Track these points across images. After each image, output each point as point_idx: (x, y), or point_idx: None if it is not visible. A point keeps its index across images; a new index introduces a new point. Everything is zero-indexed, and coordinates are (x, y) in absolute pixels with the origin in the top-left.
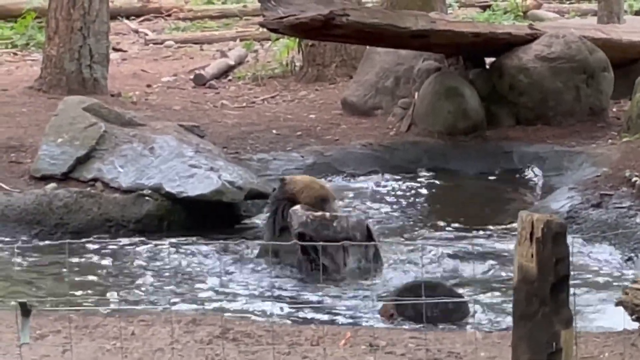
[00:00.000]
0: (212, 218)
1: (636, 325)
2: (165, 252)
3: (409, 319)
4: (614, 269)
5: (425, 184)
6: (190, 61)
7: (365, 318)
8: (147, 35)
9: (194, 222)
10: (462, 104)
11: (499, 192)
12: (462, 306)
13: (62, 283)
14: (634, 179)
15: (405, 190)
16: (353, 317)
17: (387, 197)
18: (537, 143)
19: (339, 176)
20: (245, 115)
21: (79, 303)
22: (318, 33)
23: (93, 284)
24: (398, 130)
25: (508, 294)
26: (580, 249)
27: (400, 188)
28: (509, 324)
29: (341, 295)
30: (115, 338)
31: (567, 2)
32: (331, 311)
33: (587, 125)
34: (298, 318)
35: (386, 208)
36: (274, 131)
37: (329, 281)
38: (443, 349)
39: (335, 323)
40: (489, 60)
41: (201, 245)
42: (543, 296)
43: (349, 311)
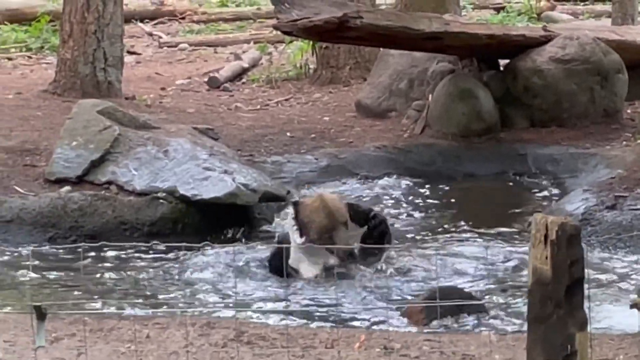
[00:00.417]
0: (226, 221)
1: None
2: (179, 255)
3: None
4: (629, 271)
5: (439, 186)
6: (204, 64)
7: (380, 321)
8: (161, 38)
9: (208, 225)
10: (476, 106)
11: (514, 194)
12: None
13: (77, 286)
14: None
15: (419, 192)
16: (367, 320)
17: (401, 200)
18: (552, 145)
19: (353, 178)
20: (259, 117)
21: (94, 306)
22: (332, 35)
23: (107, 287)
24: (412, 132)
25: (522, 297)
26: (594, 251)
27: (414, 191)
28: (524, 327)
29: (355, 298)
30: (129, 341)
31: (581, 4)
32: (346, 314)
33: (602, 127)
34: (312, 321)
35: (400, 211)
36: (288, 134)
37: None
38: (457, 352)
39: (349, 326)
40: (503, 62)
41: (215, 247)
42: (557, 299)
43: (364, 314)
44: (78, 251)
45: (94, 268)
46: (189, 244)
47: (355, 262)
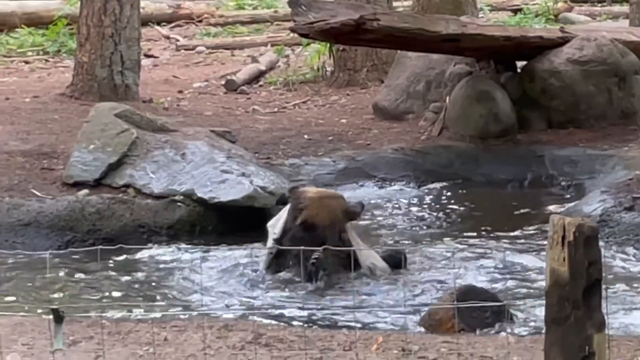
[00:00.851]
0: (244, 223)
1: None
2: (196, 258)
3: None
4: None
5: (456, 188)
6: (221, 67)
7: (397, 323)
8: (179, 41)
9: (226, 228)
10: (494, 108)
11: (531, 196)
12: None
13: (95, 289)
14: None
15: (436, 194)
16: (385, 322)
17: (418, 203)
18: (569, 146)
19: (371, 181)
20: (276, 120)
21: (112, 309)
22: (349, 38)
23: (125, 290)
24: (430, 134)
25: (540, 298)
26: (612, 252)
27: (431, 193)
28: (542, 328)
29: (373, 300)
30: (147, 344)
31: (599, 5)
32: (363, 316)
33: (619, 128)
34: (329, 323)
35: (417, 213)
36: (306, 136)
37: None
38: (475, 353)
39: (367, 328)
40: (521, 63)
41: (233, 250)
42: (575, 300)
43: (381, 316)
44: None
45: (111, 271)
46: (206, 246)
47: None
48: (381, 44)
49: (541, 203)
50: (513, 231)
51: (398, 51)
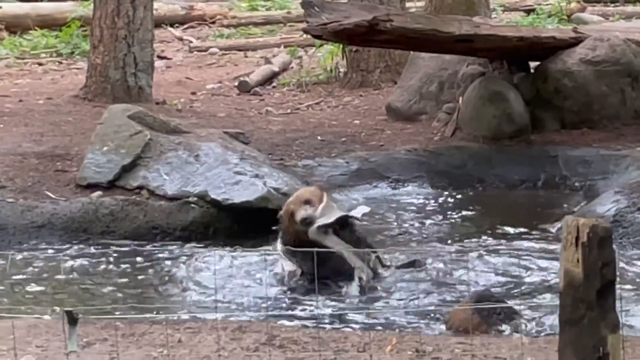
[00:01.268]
0: (258, 225)
1: None
2: (210, 259)
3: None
4: None
5: (469, 189)
6: (234, 68)
7: (411, 324)
8: (192, 42)
9: (240, 229)
10: (507, 109)
11: (544, 197)
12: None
13: (108, 291)
14: None
15: (449, 196)
16: (399, 323)
17: (432, 204)
18: (583, 147)
19: (384, 182)
20: (289, 121)
21: (125, 311)
22: (362, 39)
23: (139, 292)
24: (443, 135)
25: (554, 299)
26: (626, 253)
27: (444, 194)
28: (556, 329)
29: (386, 301)
30: (161, 345)
31: (612, 5)
32: (376, 318)
33: (633, 128)
34: (343, 325)
35: (431, 215)
36: (319, 137)
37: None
38: (489, 354)
39: (381, 329)
40: (534, 64)
41: (246, 251)
42: (589, 301)
43: (395, 317)
44: (109, 256)
45: (125, 272)
46: (220, 248)
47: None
48: (394, 45)
49: (554, 204)
50: (526, 232)
51: (411, 52)
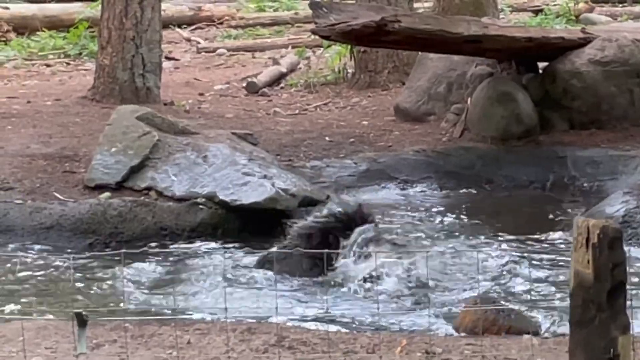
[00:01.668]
0: (266, 226)
1: None
2: (218, 261)
3: None
4: None
5: (478, 190)
6: (242, 69)
7: (420, 325)
8: (199, 43)
9: (248, 230)
10: (516, 109)
11: (553, 198)
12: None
13: (118, 292)
14: None
15: (458, 196)
16: (408, 325)
17: (440, 205)
18: (591, 147)
19: (392, 183)
20: (297, 122)
21: (134, 312)
22: (370, 39)
23: (147, 293)
24: (451, 136)
25: (564, 301)
26: (636, 254)
27: (453, 194)
28: (566, 330)
29: (396, 302)
30: (171, 347)
31: (620, 6)
32: (386, 319)
33: None
34: (352, 326)
35: (439, 215)
36: (327, 138)
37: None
38: (499, 355)
39: (390, 330)
40: (542, 64)
41: (254, 252)
42: (600, 302)
43: (405, 319)
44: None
45: (133, 273)
46: (228, 249)
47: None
48: (402, 46)
49: (563, 205)
50: (535, 233)
51: (419, 53)
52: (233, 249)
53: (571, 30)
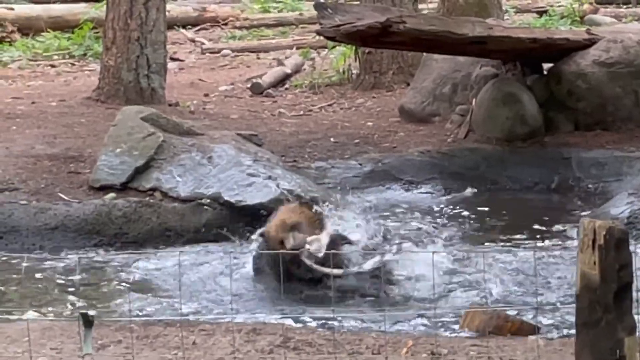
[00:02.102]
0: None
1: None
2: (222, 261)
3: None
4: None
5: (483, 191)
6: (247, 70)
7: (426, 327)
8: (204, 44)
9: (253, 231)
10: (520, 110)
11: (558, 199)
12: None
13: (123, 293)
14: None
15: (463, 198)
16: (414, 326)
17: (445, 206)
18: (596, 148)
19: (397, 184)
20: (302, 123)
21: (140, 313)
22: (375, 40)
23: (153, 294)
24: (456, 137)
25: (570, 302)
26: None
27: (458, 196)
28: (571, 332)
29: (401, 304)
30: (176, 348)
31: (624, 7)
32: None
33: None
34: (358, 327)
35: (443, 217)
36: (332, 139)
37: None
38: (505, 357)
39: (396, 331)
40: (547, 66)
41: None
42: (606, 303)
43: (410, 320)
44: (123, 257)
45: (137, 274)
46: (234, 250)
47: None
48: (407, 47)
49: (568, 206)
50: (540, 234)
51: (424, 54)
52: (237, 250)
53: (576, 31)
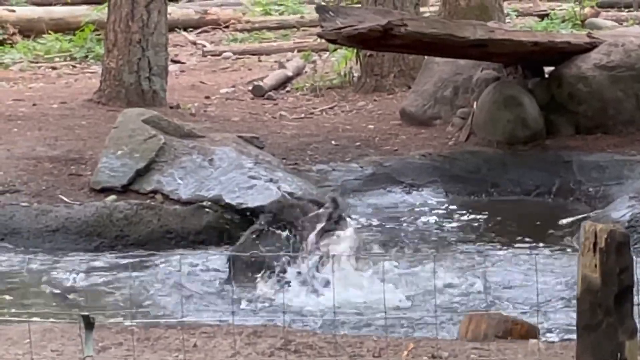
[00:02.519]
0: None
1: None
2: (222, 263)
3: None
4: None
5: (483, 194)
6: (248, 72)
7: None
8: (205, 46)
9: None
10: (522, 113)
11: (559, 202)
12: None
13: (124, 295)
14: None
15: (464, 201)
16: (415, 328)
17: (446, 209)
18: (597, 152)
19: (398, 186)
20: (303, 126)
21: (141, 315)
22: (376, 43)
23: (154, 296)
24: (457, 140)
25: (571, 305)
26: None
27: (459, 199)
28: (572, 335)
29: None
30: (177, 350)
31: (626, 11)
32: (392, 322)
33: None
34: (358, 329)
35: (444, 220)
36: (333, 142)
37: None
38: None
39: (396, 334)
40: (548, 69)
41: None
42: (607, 306)
43: (412, 322)
44: (124, 260)
45: (139, 276)
46: (237, 253)
47: None
48: (409, 50)
49: (568, 210)
50: (541, 237)
51: (425, 57)
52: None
53: (577, 34)
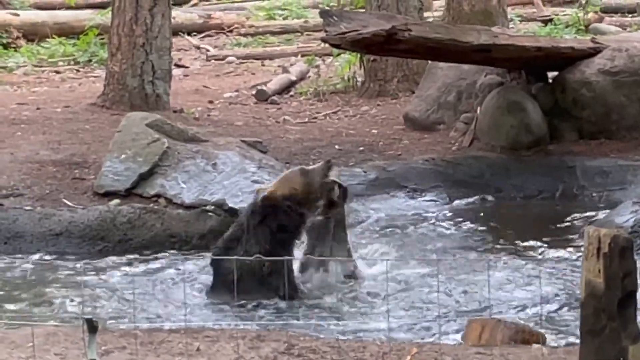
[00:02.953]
0: None
1: None
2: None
3: None
4: None
5: (488, 199)
6: (252, 77)
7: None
8: (209, 51)
9: None
10: (525, 119)
11: (563, 208)
12: None
13: (128, 299)
14: None
15: (468, 206)
16: (418, 333)
17: (449, 214)
18: (601, 157)
19: (402, 191)
20: (307, 130)
21: (145, 319)
22: (380, 48)
23: (157, 300)
24: (461, 145)
25: (575, 310)
26: None
27: (463, 204)
28: (575, 340)
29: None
30: (180, 354)
31: (629, 16)
32: (395, 327)
33: None
34: (361, 334)
35: (448, 225)
36: (336, 146)
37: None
38: None
39: (399, 339)
40: (552, 74)
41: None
42: (610, 311)
43: (414, 327)
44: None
45: (143, 280)
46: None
47: None
48: (412, 55)
49: (572, 215)
50: (544, 242)
51: (429, 61)
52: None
53: (581, 40)
